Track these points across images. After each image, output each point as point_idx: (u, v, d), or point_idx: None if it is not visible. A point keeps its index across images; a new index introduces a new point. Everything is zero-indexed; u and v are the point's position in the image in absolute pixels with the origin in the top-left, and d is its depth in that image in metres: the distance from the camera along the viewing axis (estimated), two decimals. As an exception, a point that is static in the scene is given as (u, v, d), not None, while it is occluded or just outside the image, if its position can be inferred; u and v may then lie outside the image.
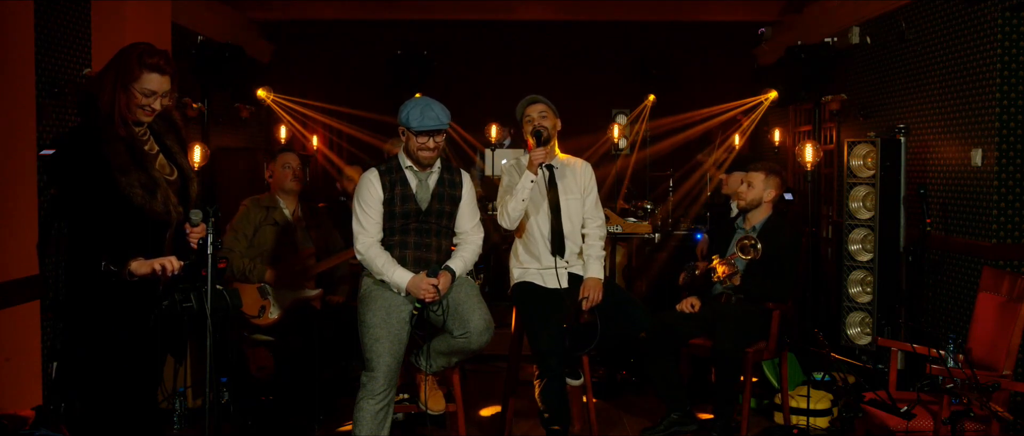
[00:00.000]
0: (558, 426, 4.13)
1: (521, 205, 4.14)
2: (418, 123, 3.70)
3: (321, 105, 8.42)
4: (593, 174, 4.44)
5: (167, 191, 3.10)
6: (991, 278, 4.08)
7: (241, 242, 4.72)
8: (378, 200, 3.81)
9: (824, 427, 4.84)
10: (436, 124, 3.72)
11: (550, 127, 4.24)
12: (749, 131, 8.02)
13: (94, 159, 2.97)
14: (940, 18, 5.41)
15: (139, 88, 3.05)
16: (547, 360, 4.13)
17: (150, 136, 3.19)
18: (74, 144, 3.04)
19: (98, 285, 3.00)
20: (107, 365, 3.03)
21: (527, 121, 4.30)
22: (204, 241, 3.02)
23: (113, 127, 3.01)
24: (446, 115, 3.77)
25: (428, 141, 3.75)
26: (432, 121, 3.71)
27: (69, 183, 3.01)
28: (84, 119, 3.11)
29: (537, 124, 4.23)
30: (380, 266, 3.77)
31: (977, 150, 4.97)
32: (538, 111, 4.28)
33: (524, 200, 4.13)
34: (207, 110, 6.38)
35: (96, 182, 2.97)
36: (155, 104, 3.08)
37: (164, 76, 3.08)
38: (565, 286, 4.27)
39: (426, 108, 3.72)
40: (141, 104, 3.06)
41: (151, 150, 3.15)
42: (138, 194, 2.99)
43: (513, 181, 4.23)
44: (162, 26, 5.74)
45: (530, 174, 4.11)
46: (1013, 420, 3.15)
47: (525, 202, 4.14)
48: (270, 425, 4.71)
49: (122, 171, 2.98)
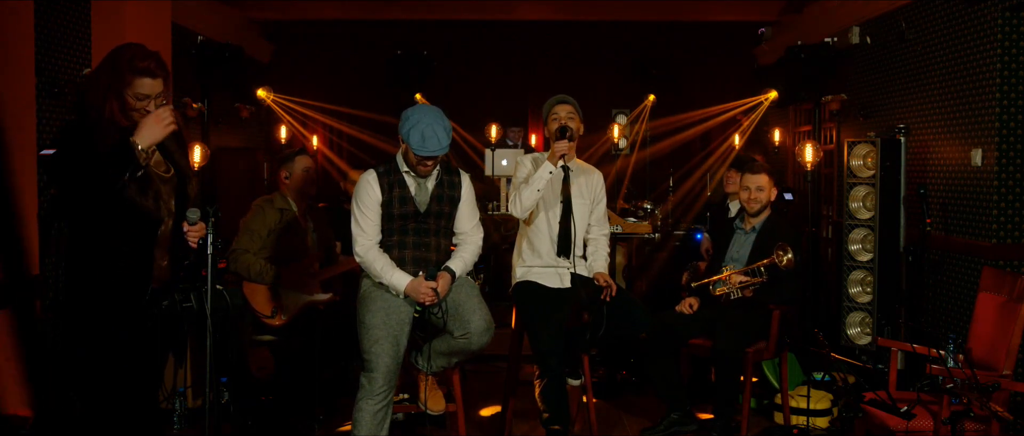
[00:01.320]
0: (558, 426, 4.13)
1: (536, 195, 4.14)
2: (419, 148, 3.64)
3: (321, 105, 8.42)
4: (604, 185, 4.48)
5: (159, 189, 3.09)
6: (991, 278, 4.08)
7: (255, 243, 4.67)
8: (376, 201, 3.80)
9: (824, 427, 4.84)
10: (436, 150, 3.66)
11: (575, 129, 4.27)
12: (749, 131, 8.02)
13: (86, 152, 2.95)
14: (940, 18, 5.41)
15: (132, 93, 3.03)
16: (547, 360, 4.13)
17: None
18: (67, 139, 3.03)
19: (98, 284, 3.00)
20: (107, 365, 3.03)
21: (553, 119, 4.31)
22: (204, 241, 3.02)
23: (105, 127, 3.00)
24: (448, 136, 3.70)
25: (426, 160, 3.74)
26: (433, 147, 3.65)
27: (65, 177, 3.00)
28: (78, 116, 3.11)
29: (564, 122, 4.26)
30: (379, 269, 3.77)
31: (977, 150, 4.97)
32: (566, 111, 4.31)
33: (540, 190, 4.13)
34: (207, 110, 6.38)
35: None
36: (149, 107, 3.05)
37: (156, 79, 3.05)
38: (567, 286, 4.27)
39: (428, 130, 3.64)
40: (135, 108, 3.04)
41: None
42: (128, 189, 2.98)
43: (526, 172, 4.24)
44: (162, 26, 5.74)
45: (549, 165, 4.12)
46: (1013, 420, 3.15)
47: (540, 193, 4.15)
48: (270, 425, 4.71)
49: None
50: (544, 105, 4.40)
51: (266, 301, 4.63)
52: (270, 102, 7.56)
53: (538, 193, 4.13)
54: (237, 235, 4.71)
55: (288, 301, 4.65)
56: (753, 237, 4.73)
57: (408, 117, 3.71)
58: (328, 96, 8.54)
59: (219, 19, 7.43)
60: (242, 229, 4.73)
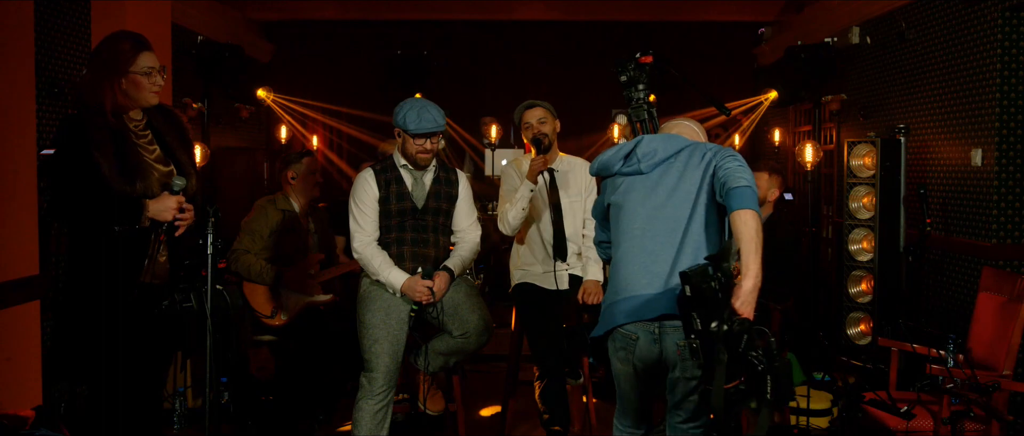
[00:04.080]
0: (558, 427, 4.13)
1: (521, 213, 4.14)
2: (416, 126, 3.70)
3: (321, 105, 8.42)
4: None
5: (152, 182, 3.11)
6: (991, 278, 4.08)
7: (257, 243, 4.68)
8: (374, 199, 3.81)
9: (824, 427, 4.84)
10: (433, 126, 3.72)
11: (550, 132, 4.23)
12: (749, 131, 8.01)
13: (78, 142, 3.01)
14: (940, 18, 5.41)
15: (138, 69, 3.10)
16: (547, 361, 4.13)
17: (150, 132, 3.19)
18: (63, 127, 3.12)
19: (96, 280, 3.00)
20: (104, 361, 3.02)
21: (526, 127, 4.29)
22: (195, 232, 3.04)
23: (104, 120, 3.05)
24: (442, 116, 3.77)
25: (425, 142, 3.76)
26: (429, 124, 3.71)
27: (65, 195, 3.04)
28: (79, 110, 3.15)
29: (536, 131, 4.22)
30: (376, 266, 3.77)
31: (977, 150, 4.97)
32: (537, 117, 4.26)
33: (524, 209, 4.14)
34: (207, 110, 6.38)
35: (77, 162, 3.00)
36: (158, 79, 3.15)
37: (151, 51, 3.17)
38: (565, 288, 4.27)
39: (423, 110, 3.72)
40: (145, 85, 3.12)
41: (148, 143, 3.16)
42: (116, 178, 3.01)
43: (512, 184, 4.23)
44: (162, 26, 5.73)
45: (529, 183, 4.10)
46: (1013, 420, 3.15)
47: (525, 211, 4.15)
48: (270, 425, 4.71)
49: (103, 154, 3.01)
50: (515, 112, 4.38)
51: (266, 301, 4.64)
52: (270, 102, 7.56)
53: (523, 211, 4.15)
54: (239, 235, 4.71)
55: (288, 301, 4.65)
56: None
57: (400, 106, 3.80)
58: (328, 96, 8.54)
59: (219, 19, 7.42)
60: (243, 229, 4.73)
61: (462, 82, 9.10)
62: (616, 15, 8.86)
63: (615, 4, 8.52)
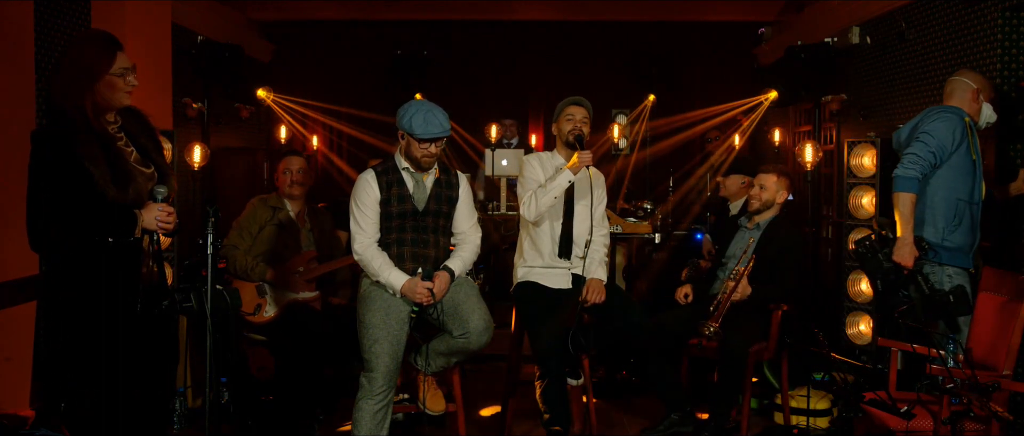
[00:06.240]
0: (559, 427, 4.13)
1: (553, 202, 4.17)
2: (423, 130, 3.69)
3: (321, 105, 8.42)
4: (604, 185, 4.49)
5: (140, 185, 3.10)
6: (991, 278, 4.07)
7: (245, 240, 4.78)
8: (375, 200, 3.82)
9: (824, 427, 4.84)
10: (440, 131, 3.72)
11: (587, 134, 4.30)
12: (749, 131, 8.01)
13: (66, 155, 2.95)
14: (940, 18, 5.41)
15: (115, 71, 3.03)
16: (547, 361, 4.13)
17: (124, 135, 3.17)
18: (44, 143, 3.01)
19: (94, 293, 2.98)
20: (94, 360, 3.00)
21: (567, 118, 4.33)
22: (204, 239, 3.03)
23: (87, 126, 2.99)
24: (447, 120, 3.77)
25: (430, 146, 3.76)
26: (436, 129, 3.71)
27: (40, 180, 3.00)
28: (50, 121, 3.09)
29: (579, 128, 4.27)
30: (376, 267, 3.78)
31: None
32: (582, 115, 4.33)
33: (557, 197, 4.16)
34: (207, 110, 6.38)
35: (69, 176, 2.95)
36: (132, 79, 3.07)
37: (124, 51, 3.09)
38: (569, 287, 4.28)
39: (429, 114, 3.71)
40: (120, 86, 3.05)
41: (125, 146, 3.14)
42: (110, 186, 2.98)
43: (536, 175, 4.26)
44: (162, 26, 5.74)
45: (569, 174, 4.14)
46: (1013, 420, 3.15)
47: (558, 199, 4.18)
48: (270, 425, 4.71)
49: (94, 163, 2.96)
50: (559, 103, 4.42)
51: (250, 298, 4.68)
52: (270, 102, 7.56)
53: (556, 200, 4.17)
54: (229, 232, 4.83)
55: (272, 298, 4.70)
56: (756, 234, 4.74)
57: (405, 109, 3.78)
58: (328, 96, 8.54)
59: (219, 19, 7.42)
60: (233, 226, 4.85)
61: (462, 82, 9.10)
62: (616, 15, 8.86)
63: (615, 4, 8.51)
